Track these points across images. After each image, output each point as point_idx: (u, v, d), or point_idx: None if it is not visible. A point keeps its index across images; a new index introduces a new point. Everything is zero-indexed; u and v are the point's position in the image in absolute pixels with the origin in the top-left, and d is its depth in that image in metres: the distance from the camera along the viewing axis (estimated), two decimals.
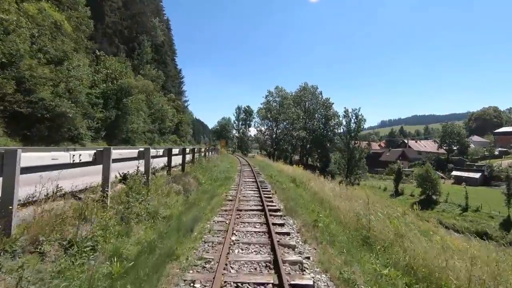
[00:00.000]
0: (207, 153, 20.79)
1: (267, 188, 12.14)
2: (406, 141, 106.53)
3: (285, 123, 53.15)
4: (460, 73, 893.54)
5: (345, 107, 42.62)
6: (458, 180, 51.06)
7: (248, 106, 70.98)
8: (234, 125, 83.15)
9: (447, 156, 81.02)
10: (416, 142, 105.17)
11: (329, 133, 65.32)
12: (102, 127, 23.66)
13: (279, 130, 53.64)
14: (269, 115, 52.87)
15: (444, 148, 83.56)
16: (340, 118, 45.19)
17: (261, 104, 54.81)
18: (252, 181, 14.38)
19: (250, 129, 71.20)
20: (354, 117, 42.73)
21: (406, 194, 42.49)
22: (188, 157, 12.81)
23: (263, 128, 55.84)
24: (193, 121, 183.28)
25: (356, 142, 43.95)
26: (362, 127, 42.98)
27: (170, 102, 49.84)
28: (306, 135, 56.27)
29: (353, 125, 43.10)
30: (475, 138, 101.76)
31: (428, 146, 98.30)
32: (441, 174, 60.24)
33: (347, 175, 42.29)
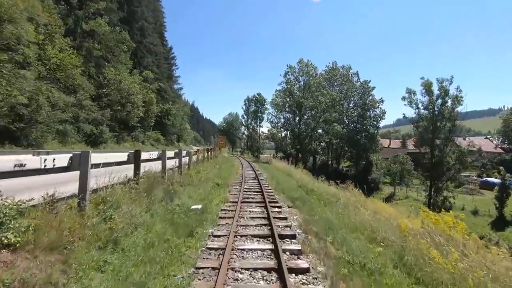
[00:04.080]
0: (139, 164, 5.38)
1: None
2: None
3: (312, 112, 36.98)
4: (478, 69, 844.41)
5: (423, 78, 25.83)
6: None
7: (259, 94, 55.09)
8: (243, 120, 67.57)
9: None
10: (464, 140, 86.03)
11: (369, 127, 48.71)
12: None
13: (302, 125, 37.52)
14: (289, 101, 36.78)
15: (505, 147, 66.77)
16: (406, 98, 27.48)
17: (279, 84, 38.75)
18: None
19: (262, 124, 55.33)
20: (442, 94, 25.74)
21: None
22: None
23: (280, 120, 39.75)
24: (202, 120, 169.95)
25: (450, 138, 26.92)
26: (457, 110, 25.91)
27: (148, 83, 34.73)
28: (345, 128, 39.99)
29: (438, 108, 26.27)
30: None
31: (479, 144, 79.71)
32: None
33: (431, 193, 25.42)
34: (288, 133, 39.58)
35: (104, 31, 25.33)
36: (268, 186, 11.81)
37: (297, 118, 37.43)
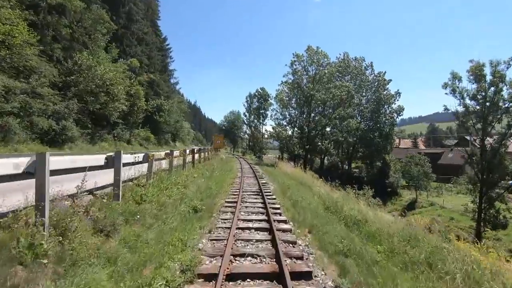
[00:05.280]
0: None
1: None
2: (468, 137, 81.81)
3: (323, 107, 32.19)
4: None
5: (473, 61, 20.36)
6: None
7: (262, 89, 50.33)
8: (245, 118, 62.80)
9: None
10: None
11: (384, 125, 43.86)
12: None
13: (312, 121, 32.64)
14: (297, 94, 32.05)
15: None
16: (449, 88, 21.57)
17: (284, 76, 33.93)
18: None
19: (265, 121, 50.63)
20: (496, 81, 19.84)
21: None
22: None
23: (286, 117, 34.95)
24: (204, 120, 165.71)
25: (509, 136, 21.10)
26: None
27: (133, 74, 30.22)
28: (361, 124, 35.27)
29: (490, 96, 20.69)
30: None
31: None
32: None
33: (481, 205, 20.05)
34: (295, 131, 34.83)
35: (76, 7, 20.81)
36: (278, 211, 7.17)
37: (306, 114, 32.65)
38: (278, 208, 7.40)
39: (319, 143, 33.59)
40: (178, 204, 6.90)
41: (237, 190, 9.91)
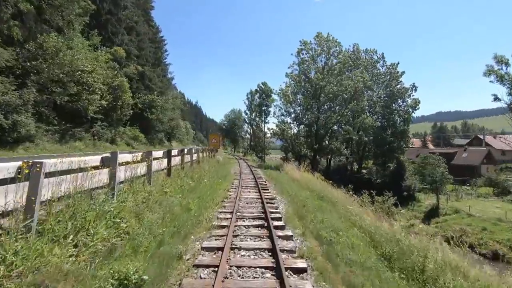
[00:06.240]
0: None
1: None
2: (481, 137, 77.68)
3: (334, 102, 28.40)
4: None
5: None
6: None
7: (264, 84, 46.51)
8: (246, 116, 59.10)
9: None
10: (495, 138, 76.82)
11: (398, 121, 40.12)
12: None
13: (321, 118, 28.73)
14: (305, 87, 28.26)
15: None
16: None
17: (289, 67, 30.13)
18: None
19: (268, 119, 46.85)
20: None
21: None
22: None
23: (289, 116, 31.13)
24: (206, 120, 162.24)
25: None
26: None
27: (118, 64, 26.65)
28: (377, 120, 31.54)
29: None
30: None
31: None
32: None
33: None
34: (301, 129, 31.01)
35: None
36: (305, 281, 3.48)
37: (314, 110, 28.86)
38: (305, 271, 3.69)
39: (327, 142, 29.84)
40: (93, 266, 3.25)
41: (229, 215, 6.24)
